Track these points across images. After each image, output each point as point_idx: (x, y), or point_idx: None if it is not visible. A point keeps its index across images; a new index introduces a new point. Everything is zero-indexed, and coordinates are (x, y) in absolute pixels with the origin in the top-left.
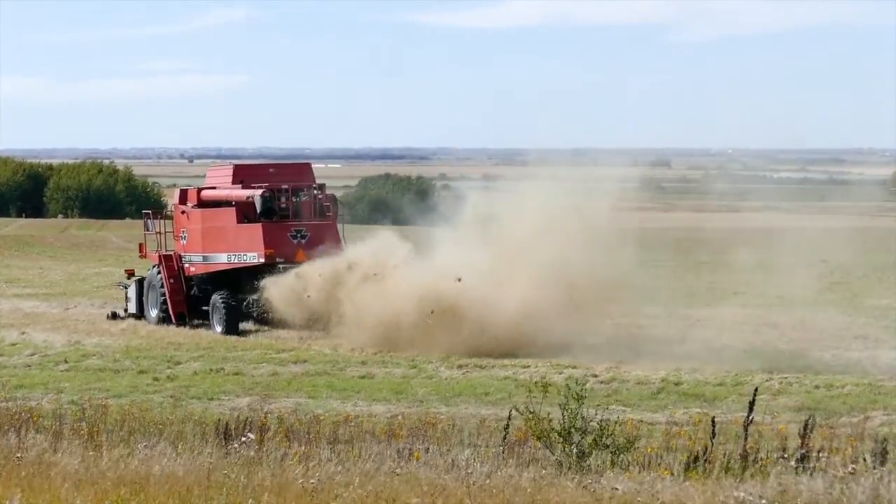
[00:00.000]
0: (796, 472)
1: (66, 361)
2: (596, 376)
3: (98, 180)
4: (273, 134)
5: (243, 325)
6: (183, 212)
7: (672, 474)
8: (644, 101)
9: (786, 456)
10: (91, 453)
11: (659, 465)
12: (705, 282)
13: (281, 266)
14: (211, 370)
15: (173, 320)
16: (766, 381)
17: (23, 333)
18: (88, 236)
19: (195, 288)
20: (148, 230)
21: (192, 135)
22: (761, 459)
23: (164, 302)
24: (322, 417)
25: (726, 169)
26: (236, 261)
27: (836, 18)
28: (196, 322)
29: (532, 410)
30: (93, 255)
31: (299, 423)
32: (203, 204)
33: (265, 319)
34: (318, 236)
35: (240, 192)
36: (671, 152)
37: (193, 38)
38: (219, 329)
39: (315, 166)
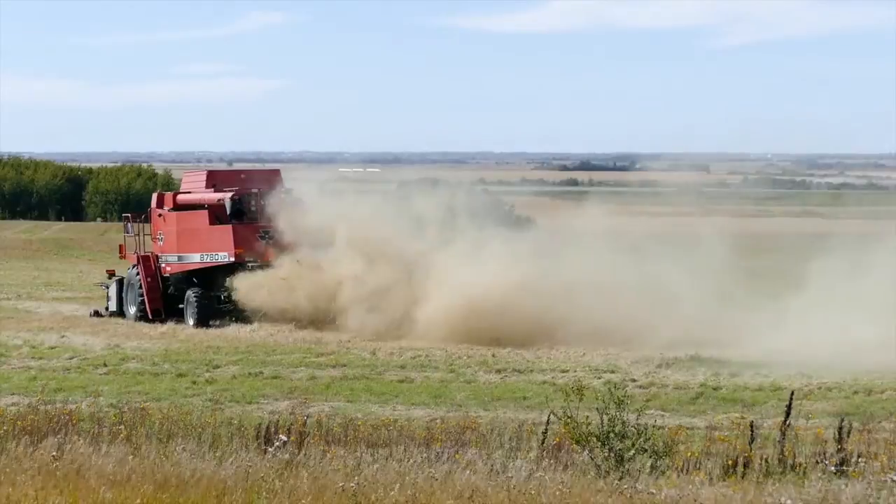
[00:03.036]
0: (836, 477)
1: (105, 365)
2: (635, 381)
3: (137, 184)
4: (312, 137)
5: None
6: (160, 215)
7: (711, 479)
8: (684, 105)
9: (825, 461)
10: (129, 456)
11: (698, 469)
12: (746, 286)
13: (250, 265)
14: (250, 374)
15: (150, 317)
16: (805, 385)
17: (62, 337)
18: None
19: (172, 287)
20: (128, 232)
21: (231, 138)
22: (800, 464)
23: (142, 300)
24: (361, 421)
25: (765, 174)
26: (208, 260)
27: (878, 23)
28: (171, 319)
29: (570, 415)
30: None
31: (338, 426)
32: (178, 207)
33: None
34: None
35: (212, 196)
36: (710, 157)
37: (232, 42)
38: (191, 322)
39: (353, 170)
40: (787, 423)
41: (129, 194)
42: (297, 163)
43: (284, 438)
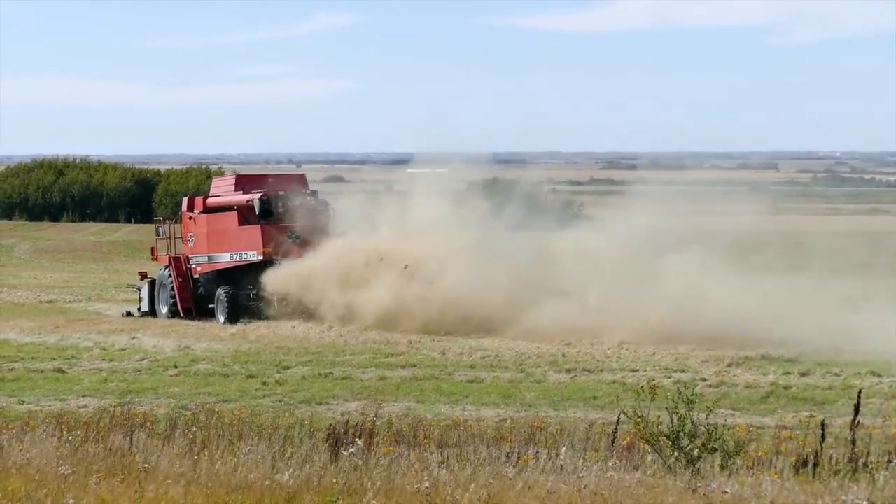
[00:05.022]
0: None
1: (175, 366)
2: (705, 380)
3: (206, 185)
4: (380, 138)
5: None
6: (190, 217)
7: (781, 478)
8: (750, 103)
9: None
10: (201, 457)
11: (768, 468)
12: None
13: (278, 262)
14: (319, 375)
15: (182, 315)
16: (876, 384)
17: (133, 338)
18: None
19: (202, 287)
20: (159, 235)
21: (299, 140)
22: (871, 463)
23: (174, 298)
24: (431, 422)
25: (834, 172)
26: (238, 259)
27: None
28: (203, 318)
29: (640, 414)
30: None
31: (408, 427)
32: (208, 210)
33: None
34: (311, 236)
35: (241, 197)
36: (780, 155)
37: (300, 44)
38: (222, 319)
39: (421, 171)
40: (857, 421)
41: None
42: (365, 164)
43: (357, 442)
